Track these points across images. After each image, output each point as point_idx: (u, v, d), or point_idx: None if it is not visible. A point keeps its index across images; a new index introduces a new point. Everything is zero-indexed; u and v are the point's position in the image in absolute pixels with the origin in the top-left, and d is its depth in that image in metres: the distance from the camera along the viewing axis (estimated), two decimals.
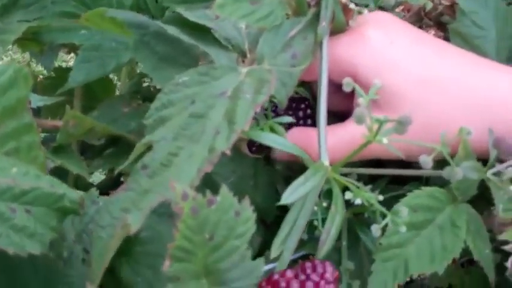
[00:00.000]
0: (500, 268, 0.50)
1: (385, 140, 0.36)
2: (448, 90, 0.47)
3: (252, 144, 0.49)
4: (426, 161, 0.37)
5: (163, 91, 0.39)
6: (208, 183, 0.39)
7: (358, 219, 0.52)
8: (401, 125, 0.34)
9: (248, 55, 0.45)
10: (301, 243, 0.53)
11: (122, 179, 0.67)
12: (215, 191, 0.34)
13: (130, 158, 0.38)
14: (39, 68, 0.81)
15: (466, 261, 0.89)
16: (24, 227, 0.37)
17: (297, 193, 0.38)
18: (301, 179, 0.38)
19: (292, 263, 0.45)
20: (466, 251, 0.48)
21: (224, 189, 0.35)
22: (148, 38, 0.50)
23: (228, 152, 0.35)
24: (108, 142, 0.60)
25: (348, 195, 0.41)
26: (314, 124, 0.48)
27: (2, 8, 0.57)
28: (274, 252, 0.41)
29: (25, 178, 0.38)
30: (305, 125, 0.50)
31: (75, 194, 0.40)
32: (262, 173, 0.53)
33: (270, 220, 0.55)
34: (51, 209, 0.39)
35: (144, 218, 0.33)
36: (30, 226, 0.37)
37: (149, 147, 0.38)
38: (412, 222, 0.47)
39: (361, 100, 0.36)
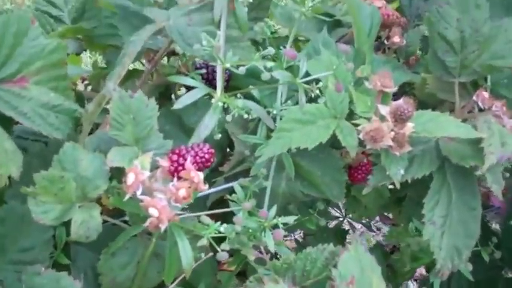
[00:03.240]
0: None
1: None
2: None
3: None
4: None
5: (123, 48, 0.72)
6: None
7: None
8: None
9: None
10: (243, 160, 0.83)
11: None
12: None
13: None
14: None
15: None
16: (53, 124, 0.70)
17: (186, 101, 0.67)
18: (189, 94, 0.68)
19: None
20: None
21: (139, 91, 0.66)
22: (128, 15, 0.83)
23: None
24: None
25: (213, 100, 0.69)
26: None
27: (73, 20, 0.94)
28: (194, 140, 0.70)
29: (56, 100, 0.71)
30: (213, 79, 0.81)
31: (83, 110, 0.73)
32: None
33: None
34: (69, 117, 0.71)
35: None
36: (56, 124, 0.70)
37: None
38: (299, 119, 0.73)
39: None
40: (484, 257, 0.96)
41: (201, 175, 0.62)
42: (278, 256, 0.80)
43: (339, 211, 1.24)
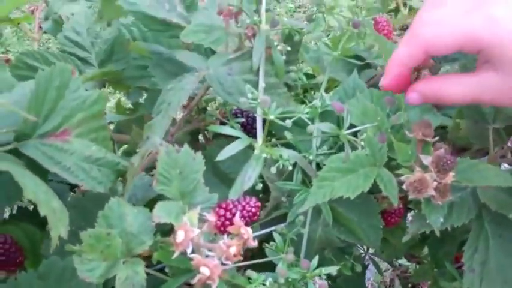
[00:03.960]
0: None
1: None
2: None
3: None
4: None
5: (161, 95, 0.72)
6: None
7: None
8: None
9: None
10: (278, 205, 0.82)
11: None
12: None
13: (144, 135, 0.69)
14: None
15: None
16: (95, 177, 0.69)
17: (228, 152, 0.67)
18: (231, 145, 0.67)
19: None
20: None
21: (186, 146, 0.66)
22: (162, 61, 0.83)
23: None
24: None
25: (256, 151, 0.68)
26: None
27: (101, 63, 0.94)
28: (232, 195, 0.69)
29: (99, 153, 0.71)
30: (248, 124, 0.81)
31: (126, 162, 0.72)
32: None
33: None
34: (112, 170, 0.71)
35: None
36: (98, 177, 0.70)
37: None
38: (340, 168, 0.73)
39: None
40: None
41: (250, 231, 0.61)
42: None
43: (360, 246, 1.23)
